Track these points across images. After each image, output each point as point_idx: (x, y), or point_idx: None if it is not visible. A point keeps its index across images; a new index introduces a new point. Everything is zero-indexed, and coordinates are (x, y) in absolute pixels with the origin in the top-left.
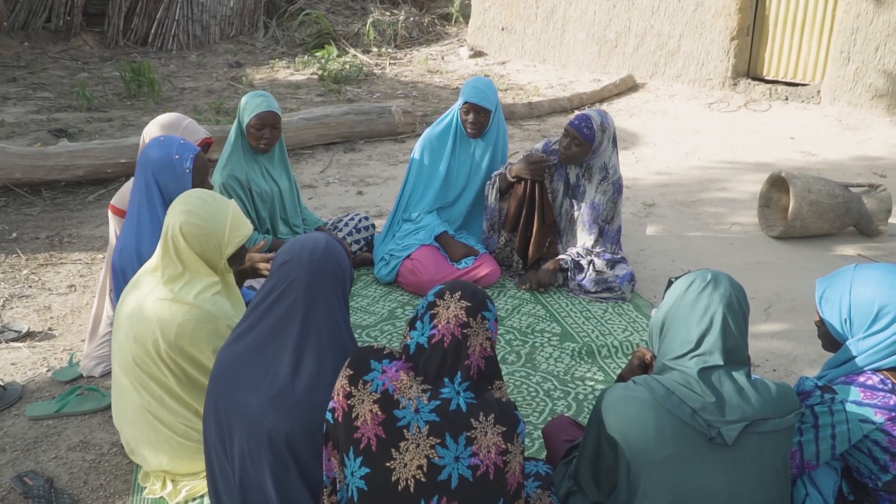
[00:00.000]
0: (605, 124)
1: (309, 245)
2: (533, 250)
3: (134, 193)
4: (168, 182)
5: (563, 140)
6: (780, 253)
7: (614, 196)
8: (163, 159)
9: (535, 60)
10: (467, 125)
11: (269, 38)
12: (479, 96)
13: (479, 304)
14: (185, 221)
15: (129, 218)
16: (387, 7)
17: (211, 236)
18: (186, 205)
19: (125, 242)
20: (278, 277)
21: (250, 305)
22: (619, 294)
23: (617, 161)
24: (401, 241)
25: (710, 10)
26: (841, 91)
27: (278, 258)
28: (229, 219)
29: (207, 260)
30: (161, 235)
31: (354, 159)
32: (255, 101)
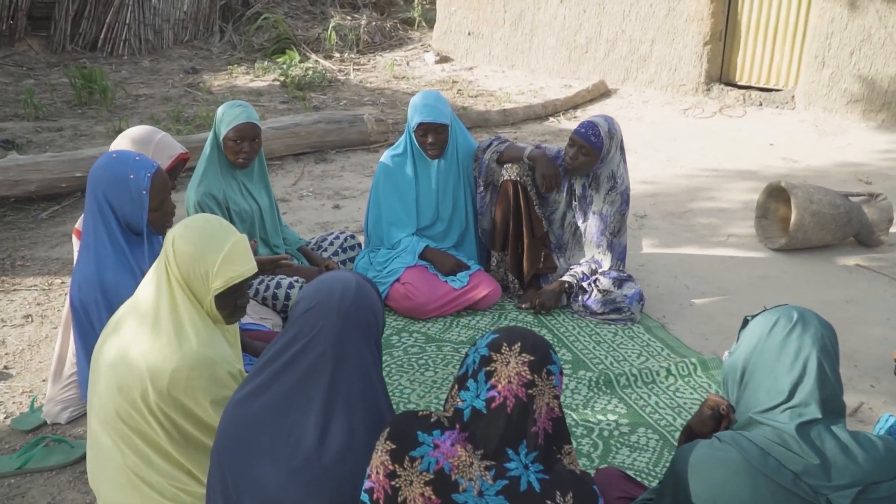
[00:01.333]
0: (613, 131)
1: (337, 288)
2: (528, 267)
3: (87, 217)
4: (123, 204)
5: (568, 150)
6: (782, 266)
7: (622, 207)
8: (115, 179)
9: (503, 66)
10: (427, 147)
11: (226, 43)
12: (433, 113)
13: (542, 356)
14: (181, 235)
15: (86, 245)
16: (347, 11)
17: (199, 261)
18: (189, 221)
19: (84, 274)
20: (301, 326)
21: (264, 357)
22: (628, 315)
23: (625, 170)
24: (383, 266)
25: (682, 14)
26: (816, 96)
27: (300, 303)
28: (226, 249)
29: (194, 290)
30: (158, 260)
31: (327, 170)
32: (233, 111)
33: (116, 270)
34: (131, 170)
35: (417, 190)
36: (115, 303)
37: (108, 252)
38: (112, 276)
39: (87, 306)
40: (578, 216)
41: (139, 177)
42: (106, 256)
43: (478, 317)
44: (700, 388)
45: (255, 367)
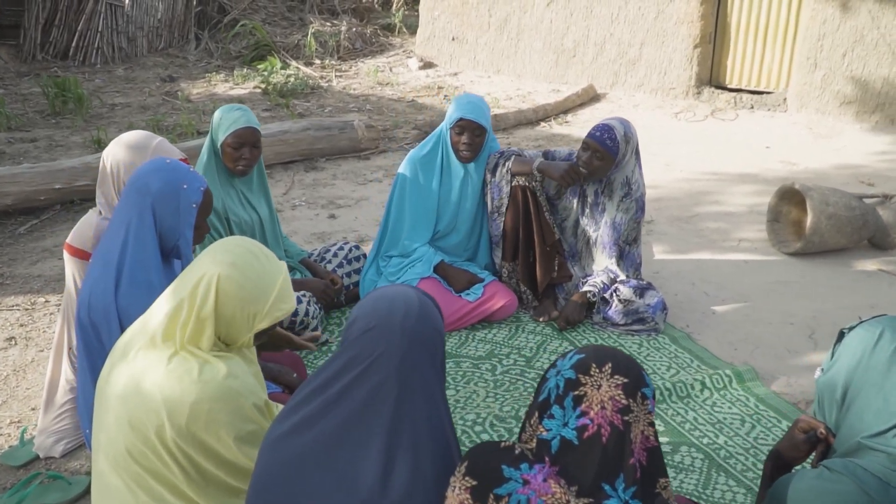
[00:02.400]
0: (629, 134)
1: (399, 305)
2: (541, 276)
3: (116, 228)
4: (166, 215)
5: (581, 154)
6: (799, 271)
7: (637, 214)
8: (168, 187)
9: (488, 71)
10: (460, 147)
11: (202, 50)
12: (475, 112)
13: (636, 378)
14: (228, 276)
15: (104, 259)
16: (326, 18)
17: (249, 303)
18: (233, 255)
19: (98, 290)
20: (359, 349)
21: (310, 385)
22: (652, 325)
23: (640, 175)
24: (394, 277)
25: (671, 17)
26: (808, 98)
27: (356, 323)
28: (277, 287)
29: (230, 329)
30: (178, 282)
31: (318, 179)
32: (232, 115)
33: (136, 288)
34: (185, 180)
35: (440, 197)
36: (130, 324)
37: (132, 267)
38: (130, 295)
39: (98, 326)
40: (590, 224)
41: (192, 189)
42: (128, 272)
43: (494, 330)
44: (738, 401)
45: (298, 396)
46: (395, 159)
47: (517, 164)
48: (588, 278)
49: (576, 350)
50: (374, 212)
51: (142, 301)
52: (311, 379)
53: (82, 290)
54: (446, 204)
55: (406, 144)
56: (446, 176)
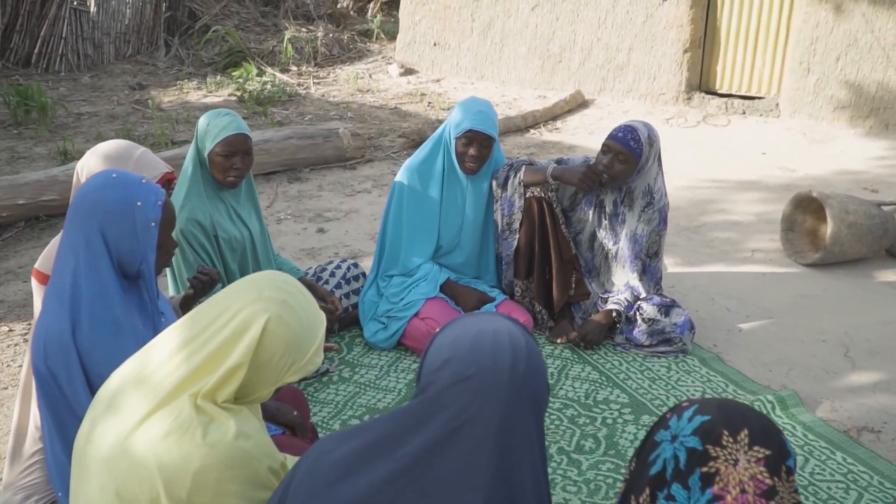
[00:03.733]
0: (653, 137)
1: (505, 349)
2: (558, 295)
3: (65, 256)
4: (121, 238)
5: (601, 158)
6: (820, 283)
7: (660, 226)
8: (119, 205)
9: (472, 77)
10: (466, 160)
11: (172, 57)
12: (485, 122)
13: (779, 448)
14: (279, 317)
15: (57, 293)
16: (301, 23)
17: (292, 351)
18: (284, 293)
19: (53, 331)
20: (450, 403)
21: (363, 435)
22: (679, 346)
23: (663, 183)
24: (397, 298)
25: (660, 21)
26: (801, 103)
27: (448, 366)
28: (321, 335)
29: (255, 380)
30: (193, 319)
31: (303, 190)
32: (220, 121)
33: (99, 328)
34: (138, 195)
35: (441, 209)
36: (96, 370)
37: (90, 303)
38: (93, 336)
39: (57, 373)
40: (608, 237)
41: (148, 204)
42: (86, 309)
43: None
44: (784, 431)
45: (342, 447)
46: (383, 169)
47: (529, 174)
48: (608, 295)
49: (692, 407)
50: (365, 225)
51: (108, 342)
52: (363, 429)
53: (36, 333)
54: (449, 217)
55: (393, 153)
56: (448, 186)
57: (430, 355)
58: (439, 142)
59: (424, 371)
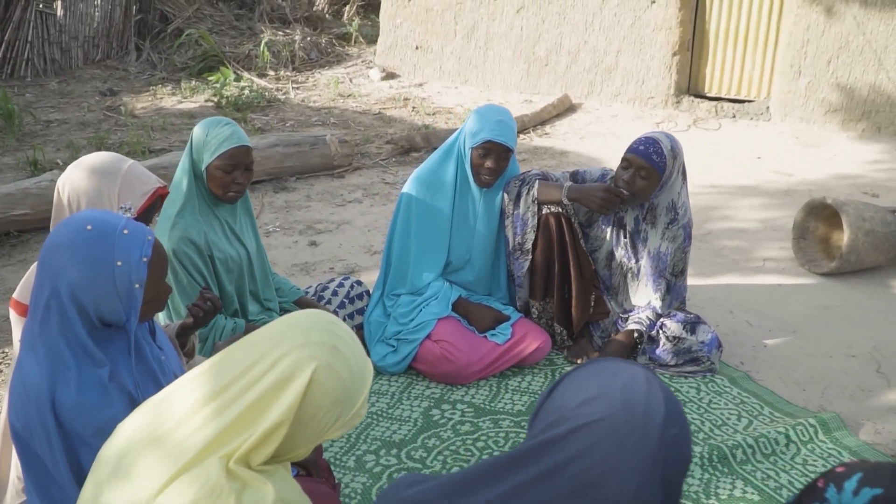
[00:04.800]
0: (676, 149)
1: (657, 405)
2: (578, 315)
3: (36, 309)
4: (99, 301)
5: (621, 173)
6: (838, 293)
7: (685, 243)
8: (90, 270)
9: (455, 81)
10: (483, 172)
11: (144, 61)
12: (505, 133)
13: None
14: (328, 366)
15: (30, 346)
16: (277, 27)
17: (339, 404)
18: (333, 337)
19: (29, 387)
20: (586, 455)
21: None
22: (707, 366)
23: (687, 197)
24: (407, 318)
25: (649, 24)
26: (792, 107)
27: (590, 408)
28: (368, 388)
29: (295, 437)
30: (218, 369)
31: (290, 201)
32: (220, 131)
33: (79, 386)
34: (118, 253)
35: (452, 223)
36: (77, 430)
37: (65, 360)
38: (72, 395)
39: (32, 433)
40: (629, 256)
41: (131, 263)
42: (63, 365)
43: (528, 377)
44: (830, 456)
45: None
46: (373, 177)
47: (544, 191)
48: (629, 314)
49: (854, 475)
50: (359, 237)
51: (94, 406)
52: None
53: (12, 387)
54: (460, 232)
55: (381, 161)
56: (461, 198)
57: (566, 392)
58: (451, 151)
59: (554, 407)
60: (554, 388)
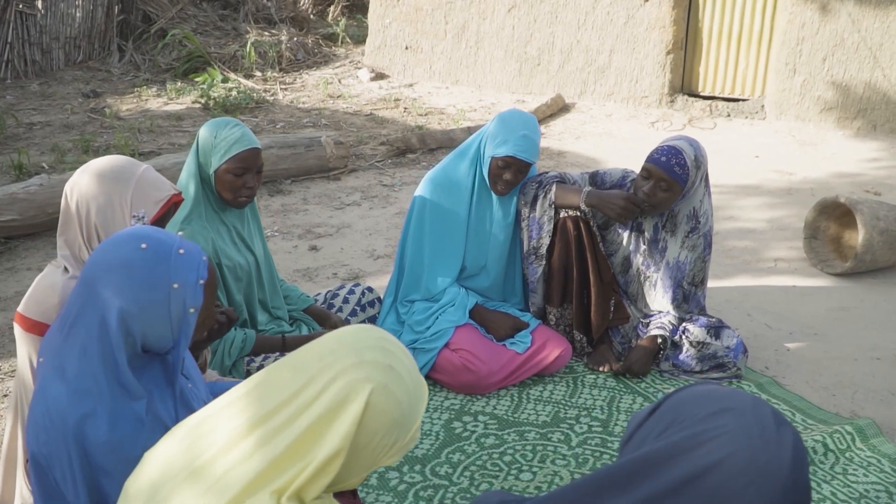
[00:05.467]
0: (700, 158)
1: (768, 417)
2: (597, 320)
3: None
4: (149, 327)
5: (641, 183)
6: (854, 294)
7: (705, 252)
8: (149, 290)
9: (446, 82)
10: (500, 182)
11: (127, 62)
12: (529, 149)
13: None
14: (385, 388)
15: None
16: (263, 27)
17: (396, 428)
18: (387, 355)
19: (55, 414)
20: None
21: None
22: (733, 371)
23: (710, 205)
24: (423, 326)
25: (642, 22)
26: (787, 105)
27: (693, 422)
28: (423, 410)
29: (351, 466)
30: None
31: (287, 204)
32: (229, 133)
33: (112, 419)
34: (176, 275)
35: (469, 228)
36: (105, 465)
37: (100, 389)
38: (103, 429)
39: (54, 462)
40: (647, 264)
41: (187, 286)
42: (96, 395)
43: (549, 386)
44: (870, 465)
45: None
46: (370, 179)
47: (562, 195)
48: (650, 319)
49: None
50: (360, 241)
51: (127, 438)
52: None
53: (32, 411)
54: (476, 237)
55: (377, 162)
56: (478, 202)
57: (684, 405)
58: (468, 153)
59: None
60: (662, 403)
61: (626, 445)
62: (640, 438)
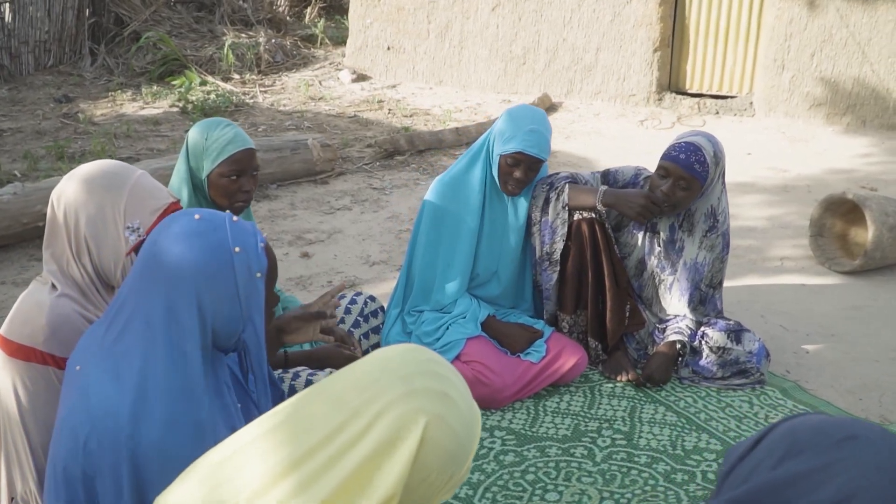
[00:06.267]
0: (719, 154)
1: None
2: (613, 327)
3: (133, 328)
4: (219, 302)
5: (658, 182)
6: (866, 293)
7: (723, 252)
8: (214, 257)
9: (430, 82)
10: (510, 182)
11: (100, 67)
12: (539, 144)
13: None
14: (440, 419)
15: (115, 373)
16: (240, 29)
17: (451, 462)
18: (443, 381)
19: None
20: None
21: None
22: (757, 377)
23: (727, 202)
24: (432, 338)
25: (629, 20)
26: (776, 101)
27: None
28: (476, 445)
29: (414, 497)
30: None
31: (275, 209)
32: (221, 134)
33: (180, 430)
34: (236, 239)
35: (481, 233)
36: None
37: (168, 396)
38: (168, 440)
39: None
40: (662, 266)
41: (249, 249)
42: (161, 403)
43: (566, 397)
44: None
45: None
46: (359, 183)
47: (576, 196)
48: (666, 324)
49: None
50: (354, 247)
51: (186, 447)
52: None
53: (72, 414)
54: (490, 242)
55: (366, 165)
56: (490, 206)
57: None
58: (479, 154)
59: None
60: (767, 434)
61: (726, 479)
62: (747, 470)
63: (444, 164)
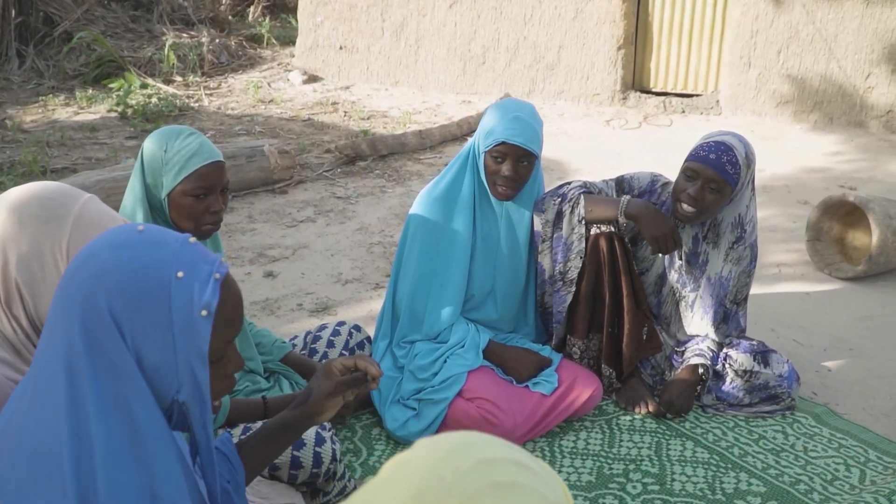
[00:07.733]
0: (750, 156)
1: None
2: (629, 353)
3: (45, 385)
4: (145, 337)
5: (685, 185)
6: (873, 300)
7: (751, 266)
8: (143, 278)
9: (385, 83)
10: (498, 181)
11: (29, 69)
12: (525, 133)
13: None
14: None
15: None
16: (180, 29)
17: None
18: (506, 469)
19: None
20: None
21: None
22: (788, 403)
23: (756, 210)
24: (428, 372)
25: (591, 17)
26: (743, 99)
27: None
28: None
29: None
30: None
31: (231, 223)
32: (184, 144)
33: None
34: (178, 261)
35: (474, 247)
36: None
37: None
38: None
39: None
40: (684, 281)
41: (196, 277)
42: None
43: (581, 434)
44: None
45: None
46: (321, 191)
47: (594, 208)
48: (685, 346)
49: None
50: (322, 264)
51: None
52: None
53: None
54: (483, 257)
55: (326, 172)
56: (481, 217)
57: None
58: (466, 161)
59: None
60: None
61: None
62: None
63: (410, 170)
